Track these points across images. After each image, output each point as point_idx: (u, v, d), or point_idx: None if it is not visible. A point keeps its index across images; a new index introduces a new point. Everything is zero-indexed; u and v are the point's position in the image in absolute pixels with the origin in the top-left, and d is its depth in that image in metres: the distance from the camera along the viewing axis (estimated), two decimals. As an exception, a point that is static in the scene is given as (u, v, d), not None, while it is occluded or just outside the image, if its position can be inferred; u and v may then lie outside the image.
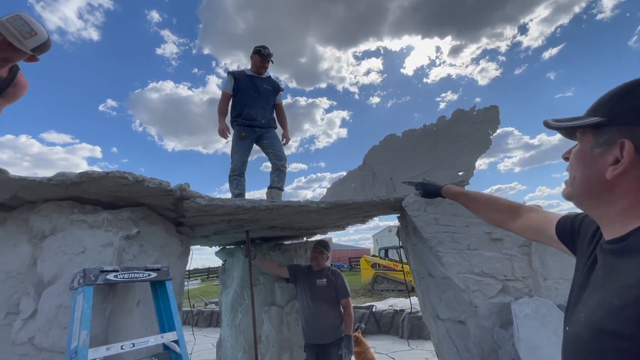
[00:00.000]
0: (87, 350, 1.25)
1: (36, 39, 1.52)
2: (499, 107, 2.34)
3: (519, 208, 1.03)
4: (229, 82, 3.23)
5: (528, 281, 2.05)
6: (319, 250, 3.17)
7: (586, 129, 0.60)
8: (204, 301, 11.79)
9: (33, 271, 1.61)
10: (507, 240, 2.09)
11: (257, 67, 3.27)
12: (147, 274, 1.62)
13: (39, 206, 1.71)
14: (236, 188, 3.06)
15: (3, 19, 1.47)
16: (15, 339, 1.48)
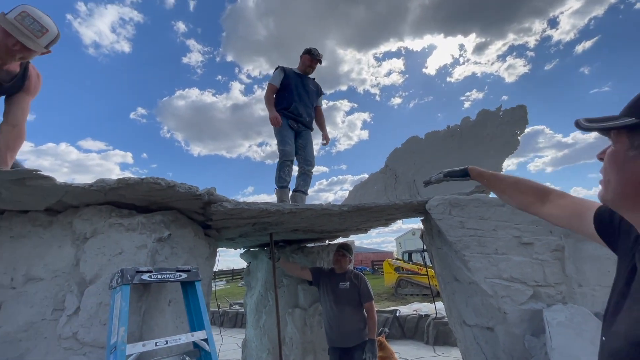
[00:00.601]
0: (125, 346, 1.33)
1: (48, 35, 1.54)
2: (526, 106, 2.26)
3: (549, 192, 0.96)
4: (278, 75, 3.32)
5: (561, 287, 1.96)
6: (341, 253, 3.18)
7: (621, 131, 0.58)
8: (229, 302, 12.07)
9: (76, 271, 1.73)
10: (537, 244, 2.01)
11: (306, 67, 3.42)
12: (178, 274, 1.70)
13: (81, 210, 1.84)
14: (288, 175, 3.16)
15: (11, 17, 1.47)
16: (61, 333, 1.59)
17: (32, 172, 1.49)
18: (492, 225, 2.10)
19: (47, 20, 1.56)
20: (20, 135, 1.78)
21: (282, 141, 3.17)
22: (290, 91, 3.28)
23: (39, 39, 1.52)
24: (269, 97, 3.26)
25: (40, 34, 1.52)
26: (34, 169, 1.50)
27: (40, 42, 1.53)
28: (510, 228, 2.05)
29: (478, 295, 2.14)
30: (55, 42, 1.59)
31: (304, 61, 3.43)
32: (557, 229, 2.02)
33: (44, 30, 1.52)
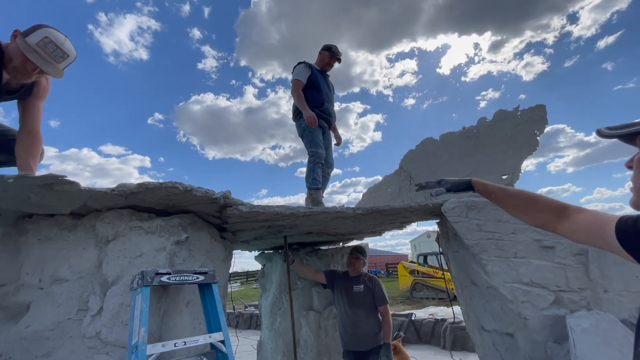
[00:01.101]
0: (146, 346, 1.37)
1: (68, 60, 1.54)
2: (545, 106, 2.20)
3: (566, 207, 0.92)
4: (304, 71, 3.15)
5: (585, 293, 1.89)
6: (355, 256, 3.17)
7: None
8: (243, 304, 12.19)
9: (99, 272, 1.80)
10: (559, 248, 1.94)
11: (324, 64, 3.30)
12: (196, 276, 1.73)
13: (103, 214, 1.91)
14: (320, 176, 3.04)
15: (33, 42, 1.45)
16: (85, 332, 1.65)
17: (58, 177, 1.56)
18: (510, 228, 2.05)
19: (69, 46, 1.55)
20: (38, 140, 1.85)
21: (314, 143, 3.05)
22: (319, 89, 3.15)
23: (59, 64, 1.53)
24: (300, 94, 3.07)
25: (61, 59, 1.52)
26: (60, 174, 1.56)
27: (60, 67, 1.54)
28: (529, 231, 1.99)
29: (497, 300, 2.09)
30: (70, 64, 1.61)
31: (322, 58, 3.31)
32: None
33: (65, 56, 1.53)
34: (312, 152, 3.06)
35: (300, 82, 3.12)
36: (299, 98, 3.08)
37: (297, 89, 3.11)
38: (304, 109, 3.03)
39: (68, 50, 1.54)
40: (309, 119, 2.98)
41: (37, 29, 1.52)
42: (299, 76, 3.15)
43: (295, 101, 3.13)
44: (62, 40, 1.53)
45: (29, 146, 1.81)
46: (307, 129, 3.10)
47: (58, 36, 1.53)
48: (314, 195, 3.04)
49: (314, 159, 3.06)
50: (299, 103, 3.08)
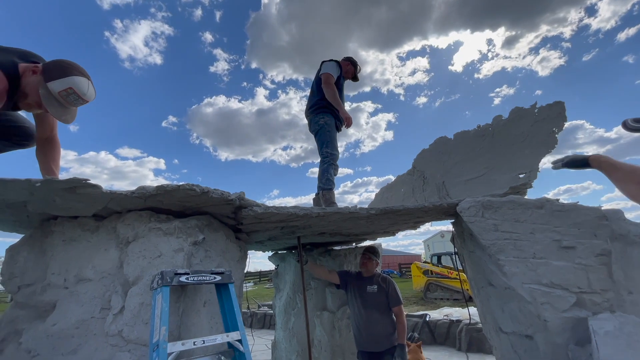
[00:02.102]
0: (166, 344, 1.41)
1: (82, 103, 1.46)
2: (564, 102, 2.15)
3: None
4: (336, 69, 3.10)
5: (608, 294, 1.83)
6: (367, 257, 3.16)
7: None
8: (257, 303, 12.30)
9: (120, 272, 1.85)
10: (580, 248, 1.89)
11: (346, 74, 3.28)
12: (213, 277, 1.77)
13: (124, 216, 1.97)
14: (333, 177, 3.02)
15: (56, 91, 1.34)
16: (108, 331, 1.71)
17: (82, 181, 1.62)
18: (528, 228, 2.01)
19: (91, 93, 1.46)
20: (55, 145, 1.91)
21: (332, 144, 3.00)
22: (341, 92, 3.13)
23: (71, 106, 1.46)
24: (335, 90, 2.96)
25: (78, 104, 1.46)
26: (84, 178, 1.62)
27: (71, 107, 1.47)
28: (549, 231, 1.95)
29: (515, 301, 2.05)
30: None
31: (347, 69, 3.31)
32: (602, 232, 1.89)
33: (81, 102, 1.45)
34: (328, 153, 3.00)
35: (333, 77, 3.02)
36: (334, 94, 2.94)
37: (332, 84, 2.97)
38: (340, 107, 2.93)
39: (89, 98, 1.46)
40: (348, 120, 2.92)
41: (63, 75, 1.40)
42: (331, 71, 3.04)
43: (329, 96, 2.96)
44: (86, 89, 1.44)
45: (48, 151, 1.88)
46: (325, 127, 3.00)
47: (82, 86, 1.42)
48: (327, 195, 3.04)
49: (329, 160, 3.00)
50: (334, 99, 2.94)
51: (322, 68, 3.15)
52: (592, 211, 1.91)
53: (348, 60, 3.37)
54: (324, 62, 3.19)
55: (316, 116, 3.08)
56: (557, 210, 1.95)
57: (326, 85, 2.97)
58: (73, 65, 1.46)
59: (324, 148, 3.02)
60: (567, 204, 1.96)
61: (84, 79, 1.45)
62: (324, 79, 3.00)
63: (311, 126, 3.18)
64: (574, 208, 1.93)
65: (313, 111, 3.13)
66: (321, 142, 3.04)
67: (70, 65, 1.45)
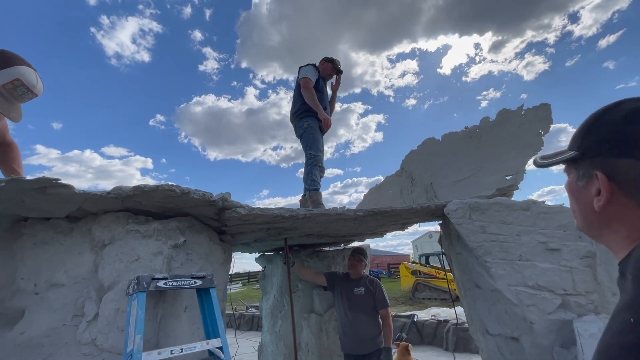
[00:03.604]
0: (141, 354, 1.33)
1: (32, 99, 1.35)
2: (550, 105, 2.16)
3: None
4: (314, 72, 3.16)
5: (593, 296, 1.84)
6: (357, 258, 3.13)
7: (568, 164, 0.60)
8: (245, 305, 12.16)
9: (95, 277, 1.76)
10: (565, 250, 1.90)
11: (326, 74, 3.35)
12: (193, 281, 1.69)
13: (99, 217, 1.87)
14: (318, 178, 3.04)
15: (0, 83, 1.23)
16: (81, 339, 1.62)
17: (52, 180, 1.53)
18: (515, 230, 2.01)
19: (40, 86, 1.34)
20: (13, 148, 1.79)
21: (315, 146, 3.04)
22: (323, 93, 3.18)
23: (20, 102, 1.34)
24: (314, 93, 3.00)
25: (26, 98, 1.33)
26: (54, 177, 1.53)
27: (19, 103, 1.35)
28: (535, 233, 1.95)
29: (501, 304, 2.05)
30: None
31: (325, 68, 3.36)
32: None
33: (31, 95, 1.32)
34: (312, 155, 3.06)
35: (312, 80, 3.07)
36: (313, 97, 3.00)
37: (310, 88, 3.03)
38: (319, 110, 2.98)
39: (38, 91, 1.33)
40: (326, 122, 2.96)
41: (7, 65, 1.26)
42: (309, 75, 3.09)
43: (307, 100, 3.02)
44: (35, 81, 1.30)
45: (6, 153, 1.77)
46: (308, 130, 3.07)
47: (30, 77, 1.28)
48: (314, 196, 3.01)
49: (313, 161, 3.05)
50: (312, 102, 3.00)
51: (300, 73, 3.22)
52: (577, 213, 1.92)
53: (324, 60, 3.42)
54: (301, 67, 3.25)
55: (300, 121, 3.15)
56: (543, 213, 1.95)
57: (304, 89, 3.05)
58: (16, 55, 1.31)
59: (308, 150, 3.08)
60: (552, 206, 1.97)
61: (31, 70, 1.32)
62: (303, 84, 3.08)
63: (296, 131, 3.25)
64: (560, 210, 1.94)
65: (297, 117, 3.19)
66: (305, 145, 3.11)
67: (13, 55, 1.30)
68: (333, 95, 3.51)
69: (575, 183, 0.59)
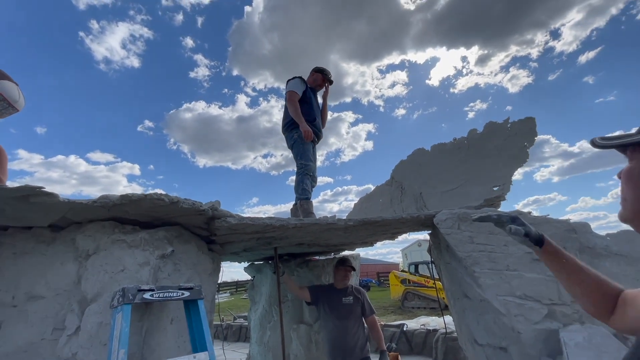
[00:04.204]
0: (125, 369, 1.29)
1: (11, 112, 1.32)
2: (535, 118, 2.23)
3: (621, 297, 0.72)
4: (300, 85, 3.23)
5: (577, 306, 1.87)
6: (349, 269, 3.11)
7: (637, 147, 0.55)
8: (232, 315, 11.91)
9: (78, 289, 1.70)
10: (551, 260, 1.94)
11: (316, 84, 3.43)
12: (181, 293, 1.66)
13: (84, 226, 1.82)
14: (309, 187, 3.07)
15: None
16: (61, 354, 1.56)
17: (35, 188, 1.49)
18: (502, 240, 2.04)
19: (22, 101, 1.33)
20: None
21: (306, 156, 3.09)
22: (311, 104, 3.24)
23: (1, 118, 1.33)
24: (297, 106, 3.10)
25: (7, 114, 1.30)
26: (37, 185, 1.49)
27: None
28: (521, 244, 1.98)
29: (490, 314, 2.06)
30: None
31: (315, 78, 3.43)
32: (570, 245, 1.95)
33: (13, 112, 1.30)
34: (302, 164, 3.10)
35: (297, 94, 3.16)
36: (296, 110, 3.09)
37: (294, 101, 3.12)
38: (301, 121, 3.05)
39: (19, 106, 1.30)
40: (306, 134, 3.01)
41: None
42: (295, 88, 3.18)
43: (291, 112, 3.12)
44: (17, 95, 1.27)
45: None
46: (298, 141, 3.13)
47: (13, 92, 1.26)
48: (305, 205, 3.01)
49: (303, 170, 3.09)
50: (295, 115, 3.09)
51: (287, 86, 3.29)
52: (561, 224, 1.96)
53: (314, 70, 3.49)
54: (289, 80, 3.32)
55: (290, 132, 3.20)
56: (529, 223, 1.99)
57: (289, 102, 3.15)
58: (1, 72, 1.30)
59: (298, 160, 3.13)
60: (538, 217, 2.02)
61: (14, 84, 1.29)
62: (287, 97, 3.18)
63: (287, 142, 3.30)
64: (545, 221, 1.98)
65: (287, 128, 3.25)
66: (296, 155, 3.16)
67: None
68: (324, 103, 3.55)
69: (639, 169, 0.54)
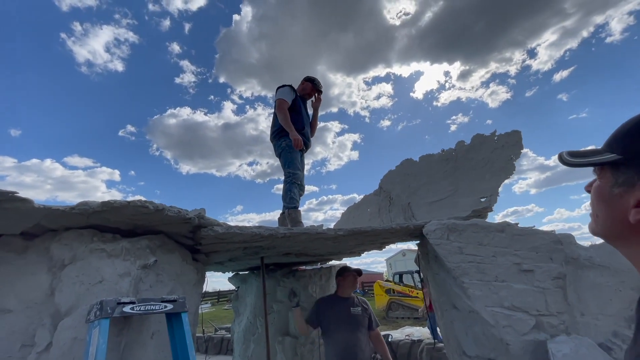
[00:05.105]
0: (100, 390, 1.20)
1: None
2: (521, 132, 2.29)
3: None
4: (290, 93, 3.22)
5: (564, 317, 1.90)
6: (354, 277, 3.04)
7: (604, 167, 0.55)
8: (214, 327, 11.53)
9: (50, 301, 1.59)
10: (538, 271, 1.96)
11: (305, 93, 3.43)
12: (163, 305, 1.57)
13: (60, 234, 1.72)
14: (297, 196, 3.04)
15: None
16: (29, 373, 1.44)
17: (8, 193, 1.39)
18: (491, 251, 2.06)
19: None
20: None
21: (293, 164, 3.07)
22: (300, 113, 3.24)
23: None
24: (287, 114, 3.08)
25: None
26: (10, 190, 1.39)
27: None
28: (509, 254, 2.01)
29: (478, 325, 2.06)
30: None
31: (305, 87, 3.44)
32: (557, 256, 1.98)
33: None
34: (290, 173, 3.08)
35: (286, 102, 3.15)
36: (285, 118, 3.08)
37: (284, 109, 3.12)
38: (290, 130, 3.04)
39: None
40: (295, 142, 2.99)
41: None
42: (284, 96, 3.17)
43: (281, 120, 3.11)
44: None
45: None
46: (286, 149, 3.11)
47: None
48: (293, 214, 2.96)
49: (291, 179, 3.06)
50: (285, 123, 3.07)
51: (276, 94, 3.29)
52: (548, 235, 2.00)
53: (305, 79, 3.51)
54: (279, 88, 3.32)
55: (278, 140, 3.19)
56: (516, 234, 2.02)
57: (278, 110, 3.14)
58: None
59: (286, 168, 3.11)
60: (525, 228, 2.05)
61: None
62: (277, 105, 3.17)
63: (275, 150, 3.28)
64: (532, 232, 2.02)
65: (275, 136, 3.24)
66: (284, 163, 3.14)
67: None
68: (314, 113, 3.55)
69: (609, 188, 0.54)
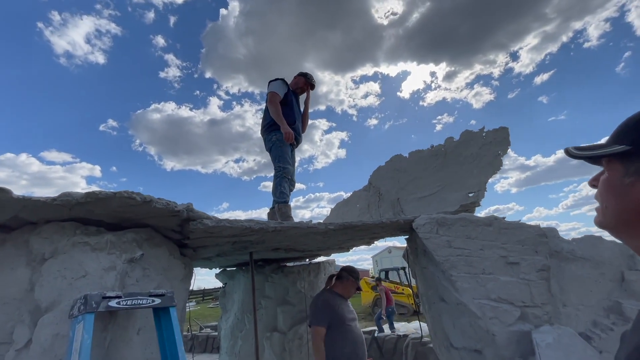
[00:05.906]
0: (85, 387, 1.15)
1: None
2: (508, 128, 2.34)
3: None
4: (282, 87, 3.19)
5: (547, 308, 1.96)
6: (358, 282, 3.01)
7: (613, 158, 0.57)
8: (199, 325, 11.37)
9: (30, 297, 1.52)
10: (523, 264, 2.02)
11: (298, 87, 3.40)
12: (151, 300, 1.53)
13: (40, 227, 1.64)
14: (287, 190, 3.02)
15: None
16: (6, 372, 1.37)
17: (-16, 183, 1.31)
18: (478, 244, 2.10)
19: None
20: None
21: (284, 158, 3.05)
22: (292, 107, 3.21)
23: None
24: (278, 107, 3.06)
25: None
26: (-14, 179, 1.31)
27: None
28: (496, 248, 2.05)
29: (466, 317, 2.10)
30: None
31: (297, 82, 3.42)
32: (542, 249, 2.04)
33: None
34: (280, 167, 3.05)
35: (278, 95, 3.12)
36: (277, 111, 3.05)
37: (276, 102, 3.09)
38: (282, 123, 3.02)
39: None
40: (286, 135, 2.97)
41: None
42: (276, 89, 3.14)
43: (272, 113, 3.08)
44: None
45: None
46: (277, 144, 3.08)
47: None
48: (283, 209, 2.94)
49: (281, 174, 3.04)
50: (276, 116, 3.05)
51: (268, 87, 3.26)
52: (533, 229, 2.06)
53: (298, 74, 3.49)
54: (271, 81, 3.29)
55: (269, 134, 3.16)
56: (503, 228, 2.07)
57: (270, 103, 3.11)
58: None
59: (276, 163, 3.08)
60: (512, 222, 2.10)
61: None
62: (269, 98, 3.15)
63: (266, 144, 3.25)
64: (518, 226, 2.07)
65: (266, 130, 3.21)
66: (274, 158, 3.12)
67: None
68: (305, 109, 3.53)
69: (619, 179, 0.55)
